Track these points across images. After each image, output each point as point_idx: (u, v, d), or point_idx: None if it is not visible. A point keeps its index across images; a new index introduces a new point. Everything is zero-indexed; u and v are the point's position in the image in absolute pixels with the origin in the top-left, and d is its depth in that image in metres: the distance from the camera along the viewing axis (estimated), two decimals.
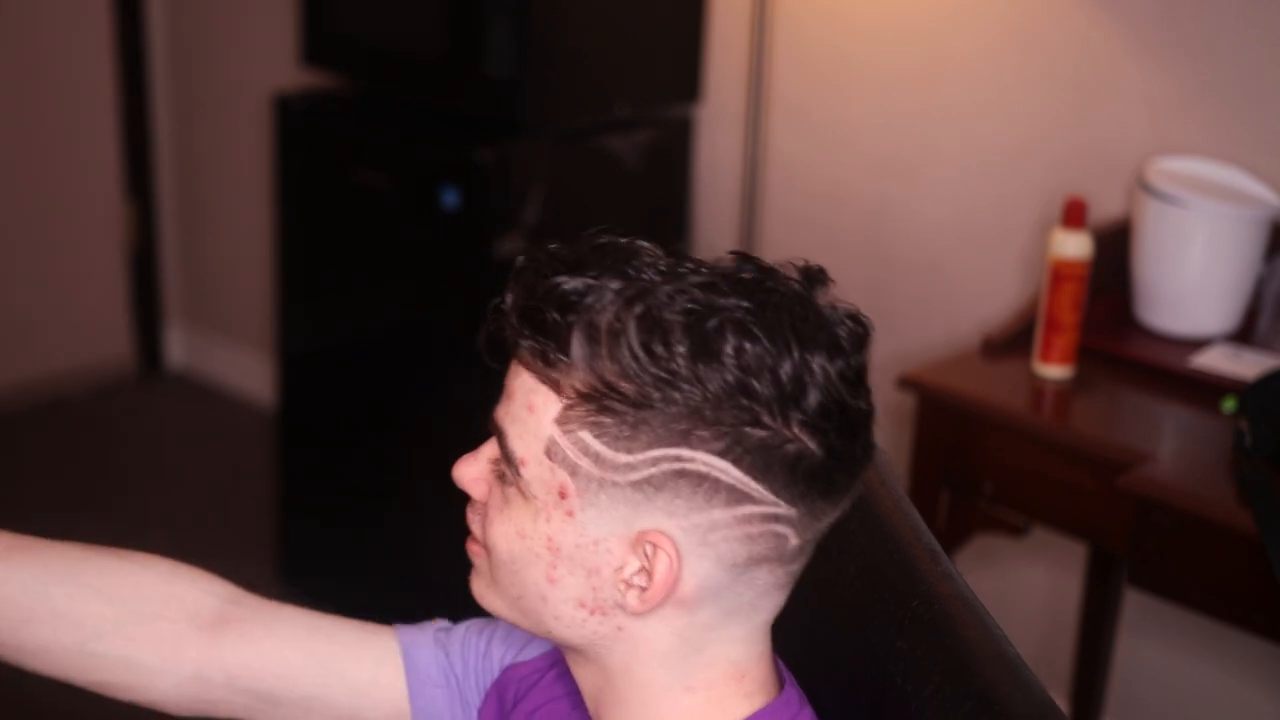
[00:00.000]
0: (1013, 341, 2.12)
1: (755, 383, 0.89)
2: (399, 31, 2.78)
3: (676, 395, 0.89)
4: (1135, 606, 2.46)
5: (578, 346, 0.90)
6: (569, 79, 2.67)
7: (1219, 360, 2.06)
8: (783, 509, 0.92)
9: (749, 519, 0.91)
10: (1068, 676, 2.49)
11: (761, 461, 0.90)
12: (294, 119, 2.86)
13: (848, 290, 0.96)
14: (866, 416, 0.94)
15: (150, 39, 3.74)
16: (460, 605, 1.22)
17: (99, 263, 3.77)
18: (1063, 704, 2.46)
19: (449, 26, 2.72)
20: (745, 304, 0.90)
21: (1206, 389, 2.01)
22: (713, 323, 0.89)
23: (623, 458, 0.90)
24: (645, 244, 0.94)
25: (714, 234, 2.92)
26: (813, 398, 0.90)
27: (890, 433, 2.59)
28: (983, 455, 2.03)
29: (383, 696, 1.11)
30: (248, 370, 3.79)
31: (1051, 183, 2.44)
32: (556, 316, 0.90)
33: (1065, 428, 1.97)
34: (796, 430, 0.90)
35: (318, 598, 3.26)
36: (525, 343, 0.92)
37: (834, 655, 1.08)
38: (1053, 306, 2.03)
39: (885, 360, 2.64)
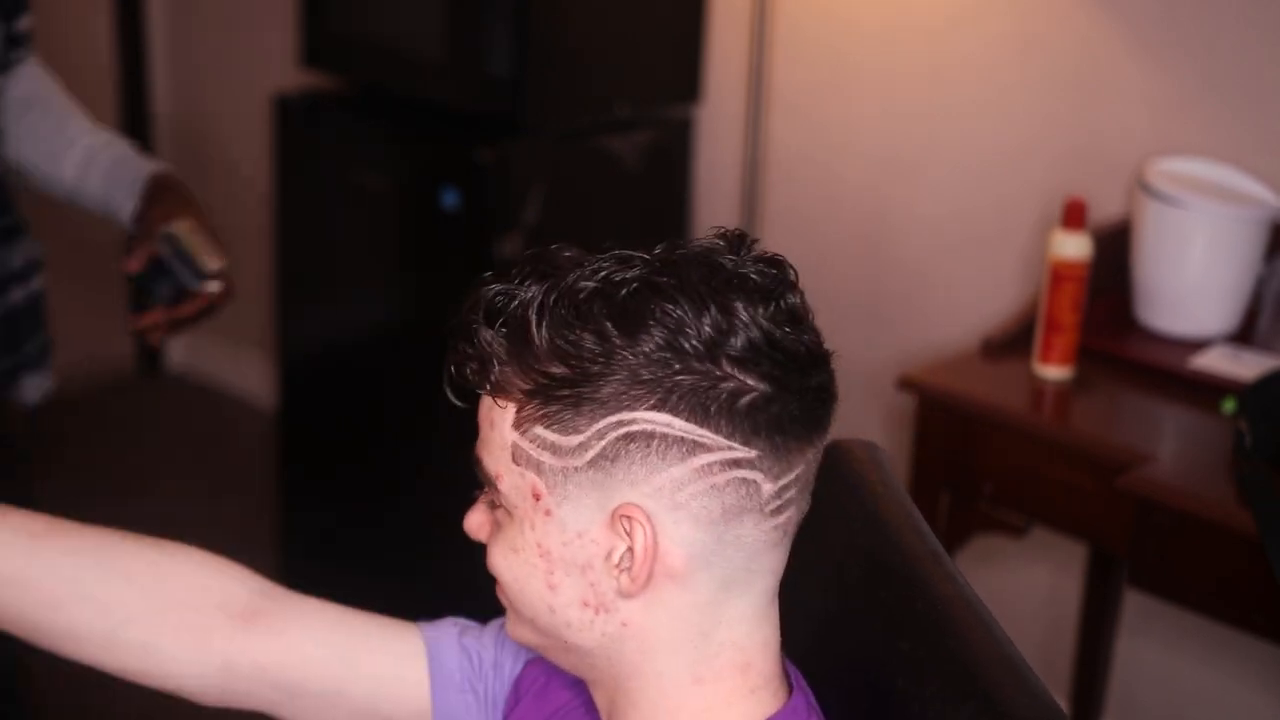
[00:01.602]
0: (1013, 342, 2.13)
1: (680, 339, 0.91)
2: (399, 31, 2.78)
3: (611, 366, 0.91)
4: (1135, 607, 2.46)
5: (509, 345, 0.93)
6: (569, 79, 2.67)
7: (1219, 361, 2.06)
8: (740, 451, 0.92)
9: (709, 469, 0.92)
10: (1068, 677, 2.50)
11: (700, 405, 0.91)
12: (294, 119, 2.86)
13: (848, 290, 0.96)
14: (810, 352, 0.95)
15: (151, 39, 3.75)
16: (460, 607, 1.22)
17: (99, 263, 3.77)
18: (1063, 704, 2.46)
19: (449, 26, 2.72)
20: (654, 269, 0.93)
21: (1206, 389, 2.01)
22: (625, 291, 0.92)
23: (574, 439, 0.93)
24: (564, 246, 0.97)
25: None
26: (739, 339, 0.91)
27: (890, 433, 2.59)
28: (983, 456, 2.03)
29: (406, 693, 1.12)
30: (248, 371, 3.79)
31: (1051, 183, 2.44)
32: (485, 327, 0.94)
33: (1065, 428, 1.97)
34: (729, 368, 0.91)
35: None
36: (470, 365, 0.95)
37: (837, 656, 1.08)
38: (1053, 307, 2.03)
39: (885, 360, 2.65)
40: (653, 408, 0.91)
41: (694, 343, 0.91)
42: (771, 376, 0.92)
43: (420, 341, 2.72)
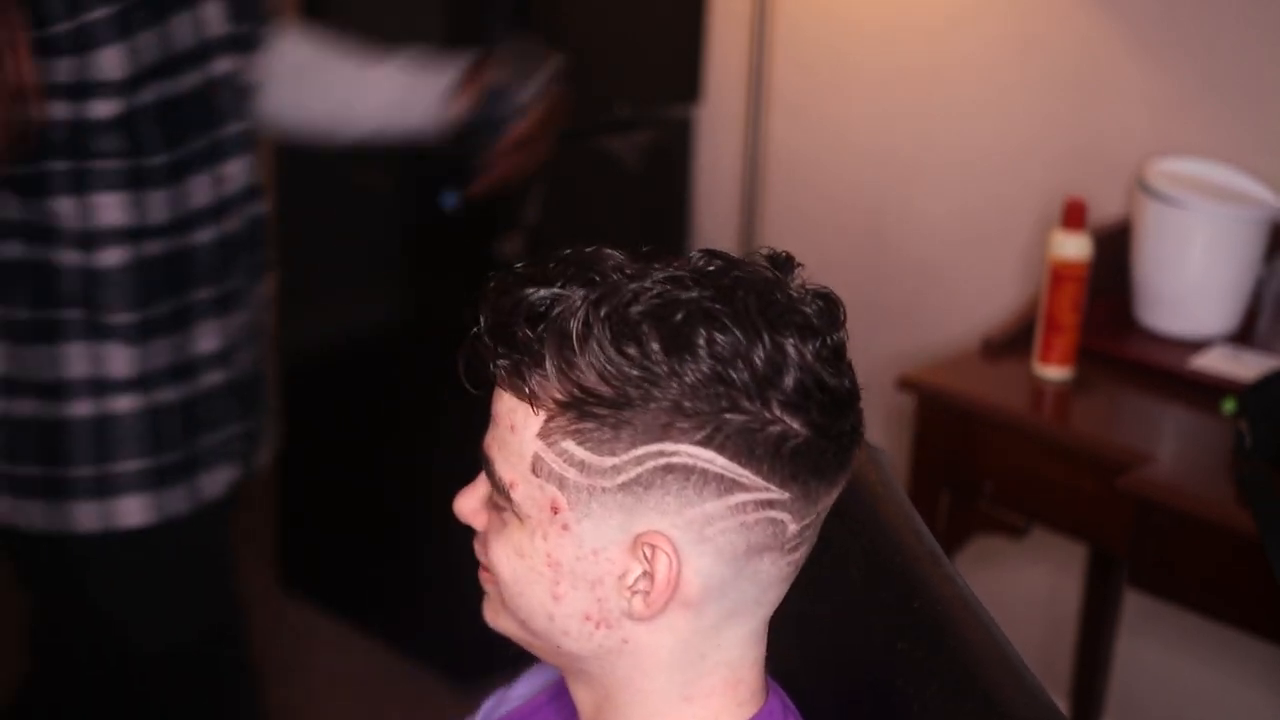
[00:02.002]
0: (1013, 342, 2.13)
1: (730, 370, 0.88)
2: (399, 32, 2.78)
3: (654, 391, 0.88)
4: (1135, 607, 2.46)
5: (550, 356, 0.90)
6: (569, 79, 2.67)
7: (1219, 361, 2.06)
8: (775, 493, 0.91)
9: (743, 507, 0.91)
10: (1068, 677, 2.50)
11: (745, 446, 0.89)
12: None
13: (848, 290, 0.96)
14: (850, 393, 0.93)
15: None
16: (458, 608, 1.22)
17: None
18: (1063, 704, 2.47)
19: (448, 26, 2.72)
20: (710, 294, 0.90)
21: (1206, 390, 2.01)
22: (680, 315, 0.89)
23: (608, 460, 0.90)
24: (610, 250, 0.94)
25: (714, 234, 2.92)
26: (790, 378, 0.89)
27: (890, 433, 2.58)
28: (983, 456, 2.03)
29: None
30: None
31: (1051, 183, 2.44)
32: (526, 330, 0.90)
33: (1065, 428, 1.97)
34: (778, 411, 0.89)
35: (318, 604, 3.27)
36: (500, 362, 0.92)
37: (836, 658, 1.08)
38: (1053, 307, 2.03)
39: (885, 360, 2.65)
40: (699, 443, 0.89)
41: (744, 377, 0.89)
42: (815, 423, 0.91)
43: (420, 341, 2.72)
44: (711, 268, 0.93)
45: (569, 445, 0.91)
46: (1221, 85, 2.27)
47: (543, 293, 0.91)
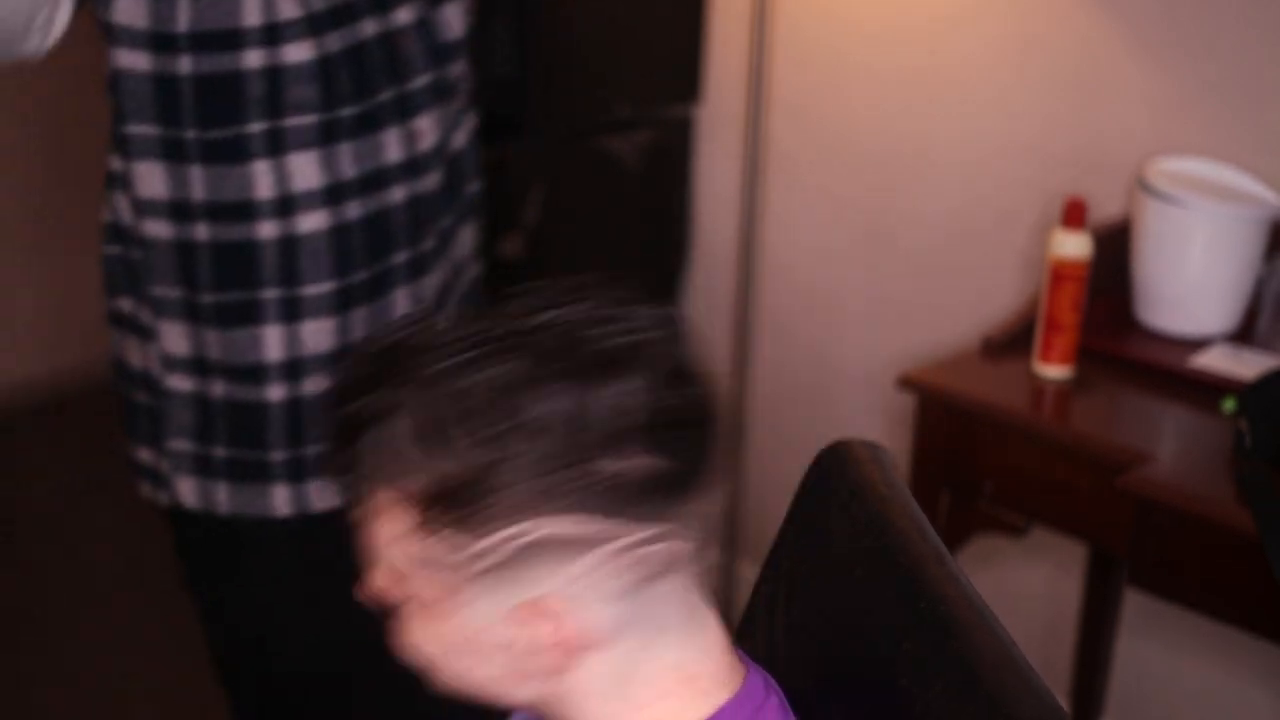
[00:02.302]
0: (1013, 341, 2.13)
1: (570, 435, 0.89)
2: None
3: (502, 477, 0.89)
4: (1135, 606, 2.46)
5: (388, 468, 0.92)
6: (569, 79, 2.67)
7: (1219, 360, 2.06)
8: (650, 530, 0.92)
9: (618, 554, 0.92)
10: (1068, 677, 2.50)
11: (605, 501, 0.90)
12: None
13: (848, 290, 0.96)
14: (695, 400, 0.93)
15: None
16: None
17: (99, 263, 3.77)
18: (1063, 704, 2.47)
19: None
20: (528, 362, 0.90)
21: (1206, 389, 2.01)
22: (496, 392, 0.89)
23: (477, 545, 0.91)
24: (416, 332, 0.94)
25: (714, 234, 2.92)
26: (633, 420, 0.90)
27: (890, 433, 2.59)
28: (983, 455, 2.03)
29: None
30: None
31: (1051, 183, 2.45)
32: (361, 448, 0.93)
33: (1065, 428, 1.97)
34: (621, 456, 0.90)
35: None
36: (348, 479, 0.95)
37: (839, 657, 1.08)
38: (1053, 307, 2.03)
39: (885, 360, 2.65)
40: (557, 512, 0.90)
41: (585, 438, 0.89)
42: (666, 450, 0.91)
43: None
44: (521, 325, 0.92)
45: (435, 541, 0.92)
46: (1221, 85, 2.27)
47: (358, 403, 0.92)
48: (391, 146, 1.54)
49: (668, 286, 2.95)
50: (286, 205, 1.49)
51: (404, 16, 1.55)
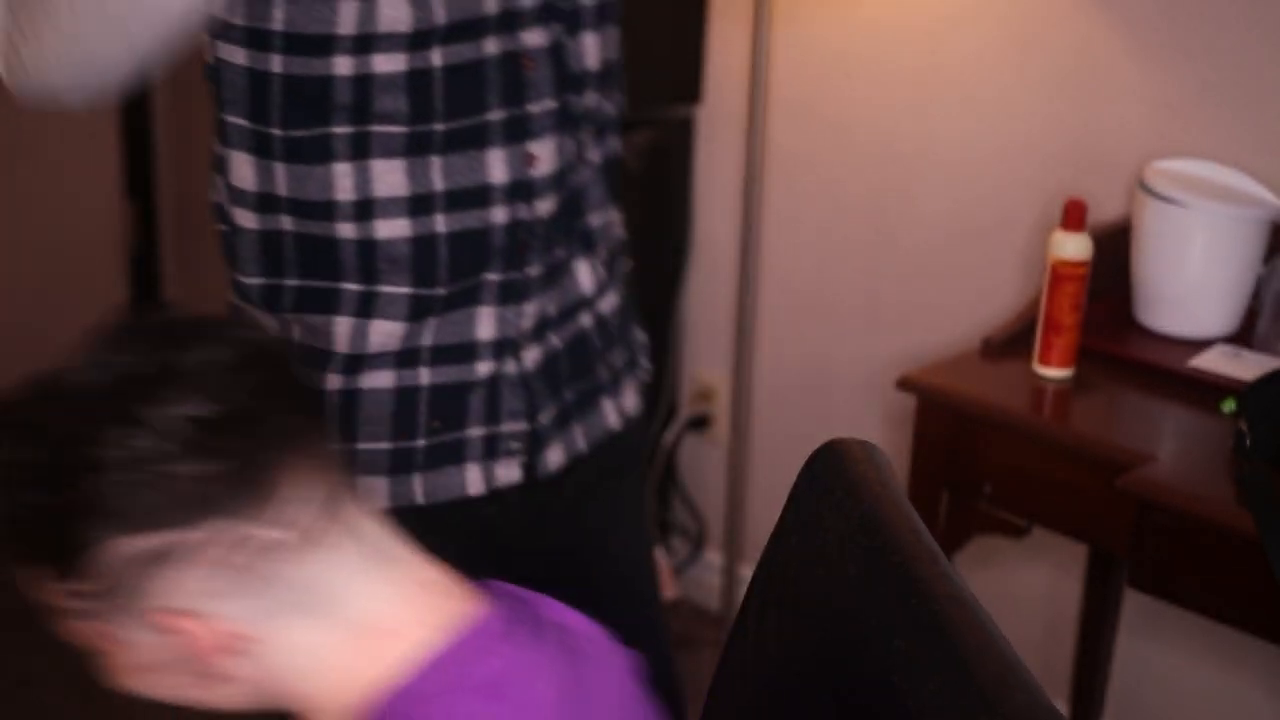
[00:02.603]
0: (1013, 342, 2.12)
1: (117, 472, 0.93)
2: None
3: (74, 511, 0.94)
4: (1135, 607, 2.46)
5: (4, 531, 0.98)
6: None
7: (1219, 361, 2.06)
8: (203, 532, 0.95)
9: (195, 561, 0.95)
10: (1068, 677, 2.49)
11: (174, 512, 0.94)
12: None
13: (848, 290, 0.96)
14: (242, 410, 0.96)
15: None
16: None
17: (99, 263, 3.77)
18: (1062, 705, 2.47)
19: None
20: (30, 453, 0.96)
21: (1206, 390, 2.01)
22: (62, 445, 0.95)
23: (90, 585, 0.97)
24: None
25: (714, 234, 2.92)
26: (149, 440, 0.93)
27: (890, 433, 2.58)
28: (983, 456, 2.03)
29: None
30: None
31: (1051, 183, 2.44)
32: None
33: (1065, 428, 1.97)
34: (171, 468, 0.93)
35: None
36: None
37: (831, 656, 1.08)
38: (1052, 307, 2.03)
39: (885, 360, 2.64)
40: (128, 534, 0.94)
41: (121, 475, 0.93)
42: (215, 450, 0.94)
43: None
44: (32, 400, 1.01)
45: (65, 591, 0.98)
46: (1221, 85, 2.27)
47: None
48: (496, 166, 1.51)
49: (668, 286, 2.95)
50: (365, 209, 1.48)
51: (534, 39, 1.51)
